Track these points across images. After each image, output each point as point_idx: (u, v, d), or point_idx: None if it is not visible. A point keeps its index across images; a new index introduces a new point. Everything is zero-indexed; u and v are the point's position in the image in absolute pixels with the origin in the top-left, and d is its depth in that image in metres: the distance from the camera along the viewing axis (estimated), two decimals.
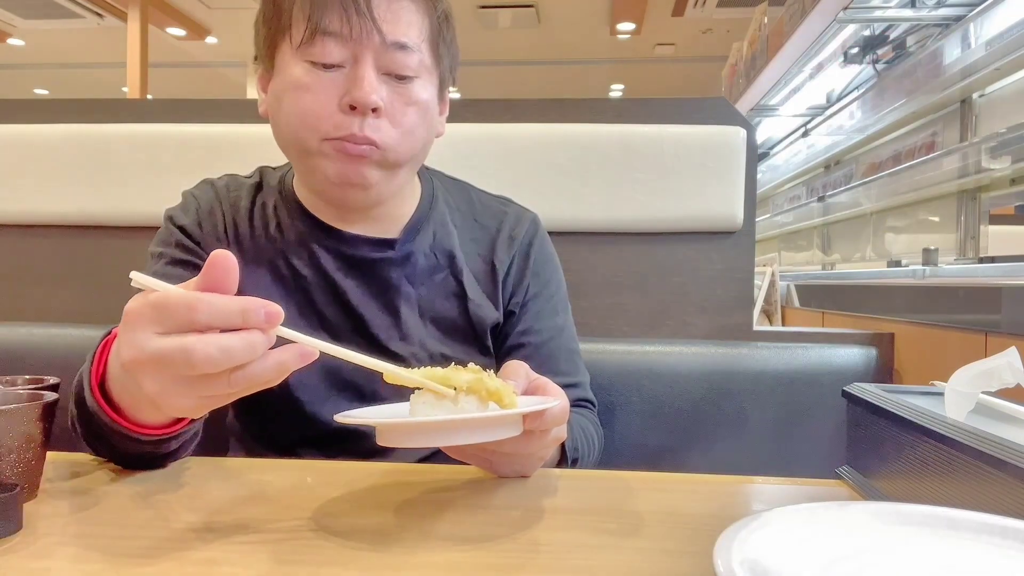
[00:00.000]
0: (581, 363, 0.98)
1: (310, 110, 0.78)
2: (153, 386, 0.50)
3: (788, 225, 4.09)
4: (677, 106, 1.30)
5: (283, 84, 0.80)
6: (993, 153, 2.11)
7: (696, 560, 0.49)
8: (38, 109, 1.37)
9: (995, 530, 0.43)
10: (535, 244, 0.96)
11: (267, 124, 1.35)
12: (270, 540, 0.52)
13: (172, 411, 0.55)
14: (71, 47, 7.64)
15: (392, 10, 0.78)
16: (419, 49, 0.80)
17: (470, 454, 0.65)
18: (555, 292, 0.97)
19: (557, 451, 0.78)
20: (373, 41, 0.77)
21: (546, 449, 0.66)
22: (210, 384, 0.50)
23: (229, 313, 0.48)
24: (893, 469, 0.61)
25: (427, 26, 0.82)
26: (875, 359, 1.21)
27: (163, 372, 0.50)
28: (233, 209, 0.90)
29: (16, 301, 1.34)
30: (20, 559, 0.47)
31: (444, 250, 0.91)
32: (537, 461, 0.69)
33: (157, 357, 0.49)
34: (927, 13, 2.30)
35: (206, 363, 0.48)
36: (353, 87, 0.77)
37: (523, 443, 0.60)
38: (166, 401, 0.51)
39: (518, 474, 0.69)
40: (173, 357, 0.48)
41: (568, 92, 8.46)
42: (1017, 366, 0.55)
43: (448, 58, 0.86)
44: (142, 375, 0.51)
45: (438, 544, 0.52)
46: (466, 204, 0.97)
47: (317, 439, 0.85)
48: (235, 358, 0.48)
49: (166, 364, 0.49)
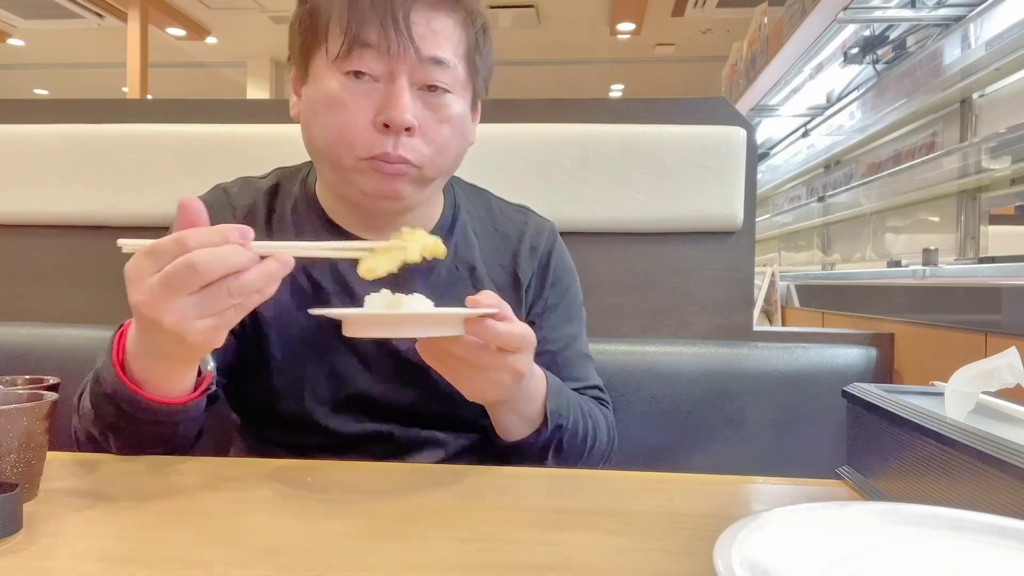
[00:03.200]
0: (594, 369, 0.98)
1: (344, 127, 0.77)
2: (170, 317, 0.58)
3: (788, 225, 4.09)
4: (677, 106, 1.30)
5: (317, 95, 0.79)
6: (993, 153, 2.11)
7: (696, 560, 0.49)
8: (38, 109, 1.37)
9: (995, 530, 0.43)
10: (554, 254, 0.96)
11: (267, 124, 1.35)
12: (270, 540, 0.52)
13: (194, 341, 0.60)
14: (71, 47, 7.64)
15: (431, 27, 0.78)
16: (455, 65, 0.80)
17: (437, 357, 0.70)
18: (572, 301, 0.98)
19: (539, 411, 0.80)
20: (409, 57, 0.76)
21: (502, 372, 0.70)
22: (215, 297, 0.58)
23: (211, 235, 0.59)
24: (893, 469, 0.61)
25: (464, 41, 0.81)
26: (875, 359, 1.21)
27: (174, 296, 0.57)
28: (247, 219, 0.89)
29: (16, 301, 1.34)
30: (20, 559, 0.47)
31: (466, 262, 0.91)
32: (495, 384, 0.71)
33: (164, 282, 0.57)
34: (927, 13, 2.30)
35: (206, 266, 0.57)
36: (388, 105, 0.76)
37: (474, 352, 0.68)
38: (185, 328, 0.58)
39: (480, 396, 0.74)
40: (178, 272, 0.57)
41: (568, 92, 8.47)
42: (1017, 366, 0.55)
43: (483, 70, 0.86)
44: (158, 311, 0.58)
45: (438, 544, 0.52)
46: (486, 213, 0.97)
47: (329, 447, 0.85)
48: (227, 260, 0.58)
49: (174, 284, 0.57)
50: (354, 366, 0.86)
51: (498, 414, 0.80)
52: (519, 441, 0.81)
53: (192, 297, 0.58)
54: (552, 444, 0.81)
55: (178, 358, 0.67)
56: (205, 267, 0.57)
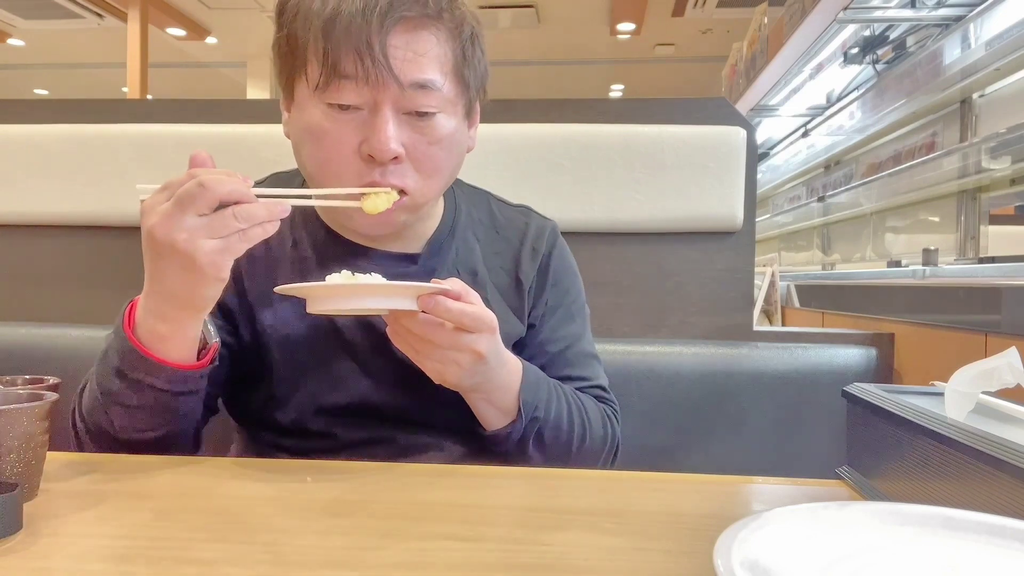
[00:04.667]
0: (600, 368, 0.97)
1: (328, 159, 0.77)
2: (181, 234, 0.63)
3: (788, 225, 4.09)
4: (677, 106, 1.30)
5: (301, 123, 0.79)
6: (993, 153, 2.11)
7: (696, 560, 0.49)
8: (38, 109, 1.37)
9: (995, 530, 0.43)
10: (555, 255, 0.96)
11: (267, 124, 1.35)
12: (270, 540, 0.52)
13: (203, 262, 0.64)
14: (71, 47, 7.64)
15: (412, 48, 0.75)
16: (441, 85, 0.77)
17: (401, 336, 0.74)
18: (573, 300, 0.97)
19: (514, 402, 0.80)
20: (391, 85, 0.74)
21: (460, 353, 0.72)
22: (222, 218, 0.63)
23: (218, 171, 0.65)
24: (893, 469, 0.61)
25: (451, 56, 0.78)
26: (875, 359, 1.21)
27: (185, 215, 0.63)
28: None
29: (16, 301, 1.34)
30: (20, 559, 0.47)
31: (467, 266, 0.91)
32: (454, 365, 0.73)
33: (176, 201, 0.63)
34: (927, 13, 2.30)
35: (212, 183, 0.63)
36: (371, 136, 0.75)
37: (429, 329, 0.71)
38: (196, 247, 0.63)
39: (442, 377, 0.74)
40: (187, 190, 0.63)
41: (568, 92, 8.47)
42: (1017, 366, 0.55)
43: (475, 80, 0.83)
44: (170, 229, 0.63)
45: (438, 544, 0.52)
46: (487, 216, 0.96)
47: (330, 451, 0.85)
48: (232, 183, 0.64)
49: (184, 202, 0.63)
50: (354, 373, 0.85)
51: (473, 402, 0.80)
52: (495, 432, 0.81)
53: (202, 219, 0.63)
54: (531, 437, 0.81)
55: (188, 295, 0.68)
56: (212, 184, 0.63)
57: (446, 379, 0.75)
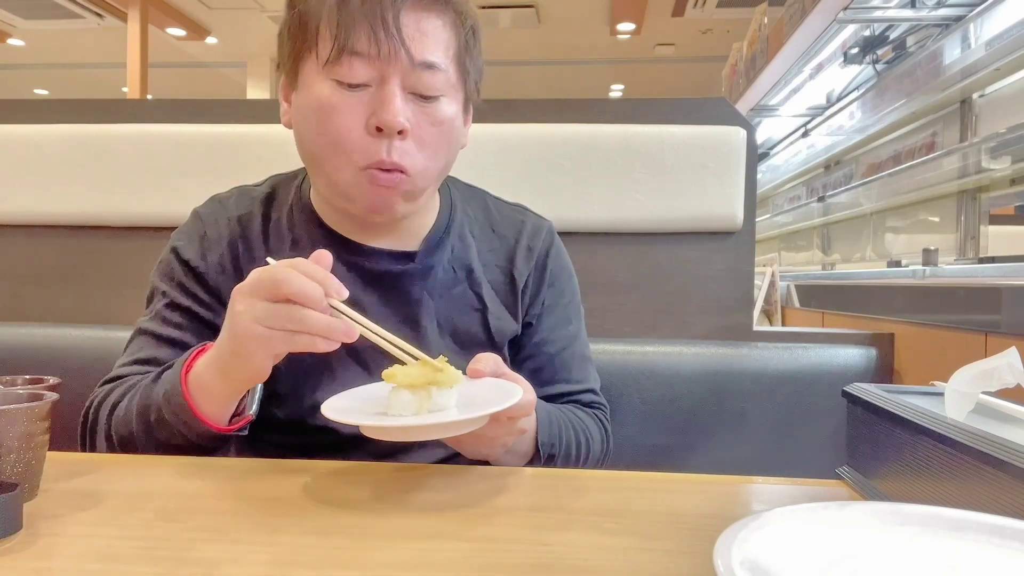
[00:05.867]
0: (593, 369, 0.98)
1: (337, 134, 0.77)
2: (239, 307, 0.66)
3: (788, 225, 4.09)
4: (677, 106, 1.30)
5: (308, 101, 0.79)
6: (993, 153, 2.11)
7: (696, 560, 0.49)
8: (38, 109, 1.37)
9: (995, 530, 0.43)
10: (551, 255, 0.96)
11: (267, 124, 1.35)
12: (270, 540, 0.52)
13: (246, 345, 0.67)
14: (71, 47, 7.64)
15: (421, 28, 0.77)
16: (446, 68, 0.79)
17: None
18: (569, 301, 0.98)
19: (531, 446, 0.81)
20: (400, 61, 0.76)
21: (509, 436, 0.73)
22: (277, 312, 0.64)
23: (312, 268, 0.66)
24: (893, 469, 0.61)
25: (454, 42, 0.80)
26: (875, 359, 1.21)
27: (255, 297, 0.66)
28: (244, 228, 0.89)
29: (16, 301, 1.34)
30: (20, 559, 0.47)
31: (463, 263, 0.91)
32: (500, 447, 0.74)
33: (254, 278, 0.67)
34: (927, 13, 2.30)
35: (286, 275, 0.64)
36: (380, 109, 0.76)
37: (487, 427, 0.68)
38: (247, 325, 0.65)
39: (483, 456, 0.75)
40: (261, 279, 0.66)
41: (568, 92, 8.47)
42: (1017, 366, 0.55)
43: (474, 72, 0.85)
44: (235, 303, 0.67)
45: (439, 544, 0.52)
46: (483, 214, 0.96)
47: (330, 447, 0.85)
48: (301, 284, 0.64)
49: (256, 288, 0.66)
50: (356, 371, 0.86)
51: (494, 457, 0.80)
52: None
53: (264, 303, 0.65)
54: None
55: (230, 363, 0.70)
56: (284, 276, 0.64)
57: (486, 457, 0.76)
